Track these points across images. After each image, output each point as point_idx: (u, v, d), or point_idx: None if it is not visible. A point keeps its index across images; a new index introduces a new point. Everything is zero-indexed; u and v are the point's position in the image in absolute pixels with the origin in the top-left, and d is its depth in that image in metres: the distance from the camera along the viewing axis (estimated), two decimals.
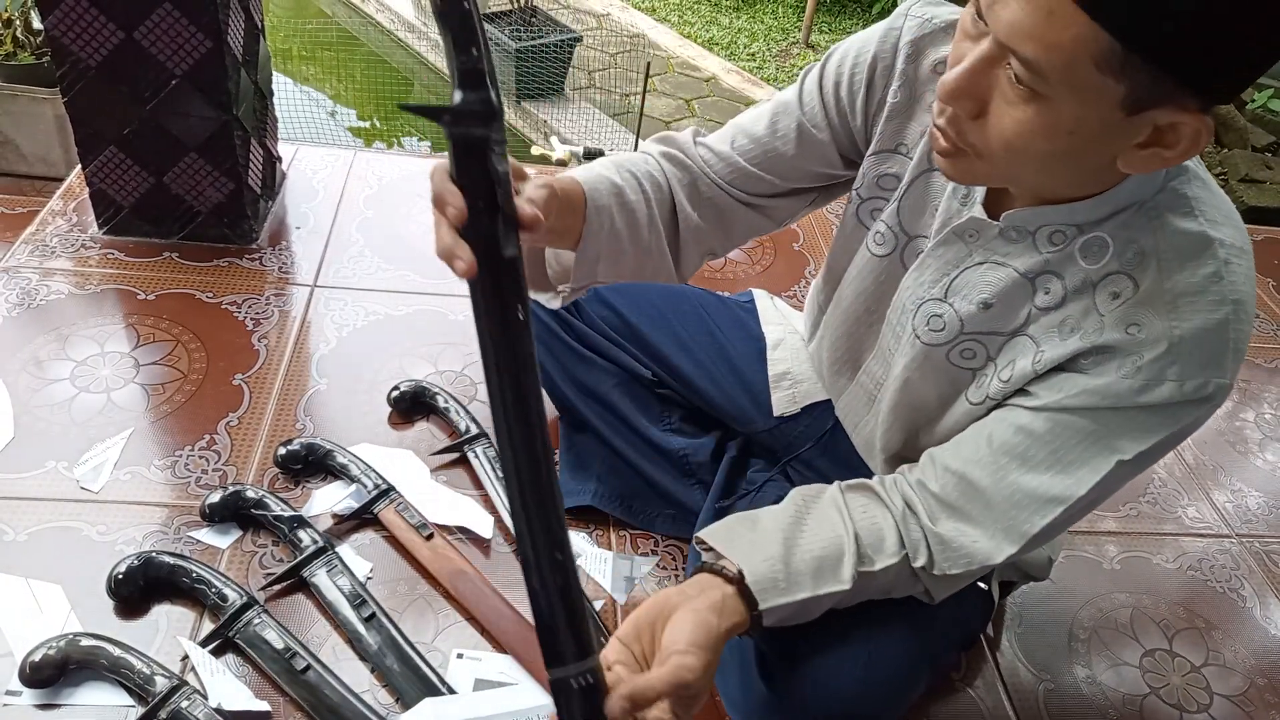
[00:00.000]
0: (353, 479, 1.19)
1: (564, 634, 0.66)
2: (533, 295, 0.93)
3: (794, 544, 0.80)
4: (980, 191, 0.80)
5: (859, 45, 0.86)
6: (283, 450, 1.20)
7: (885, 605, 0.90)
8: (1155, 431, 0.73)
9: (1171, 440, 0.74)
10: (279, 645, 0.98)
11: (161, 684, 0.92)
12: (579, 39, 4.31)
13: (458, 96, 0.59)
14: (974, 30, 0.65)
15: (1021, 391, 0.79)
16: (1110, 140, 0.64)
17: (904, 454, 0.95)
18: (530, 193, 0.69)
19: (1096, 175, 0.70)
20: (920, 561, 0.82)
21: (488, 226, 0.61)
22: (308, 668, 0.97)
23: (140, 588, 1.02)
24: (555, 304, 0.94)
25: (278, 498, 1.14)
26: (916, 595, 0.87)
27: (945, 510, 0.82)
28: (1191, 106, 0.61)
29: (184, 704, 0.91)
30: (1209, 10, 0.55)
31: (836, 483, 0.87)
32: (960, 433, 0.84)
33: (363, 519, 1.16)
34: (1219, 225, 0.71)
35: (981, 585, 1.01)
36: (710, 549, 0.83)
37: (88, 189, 1.52)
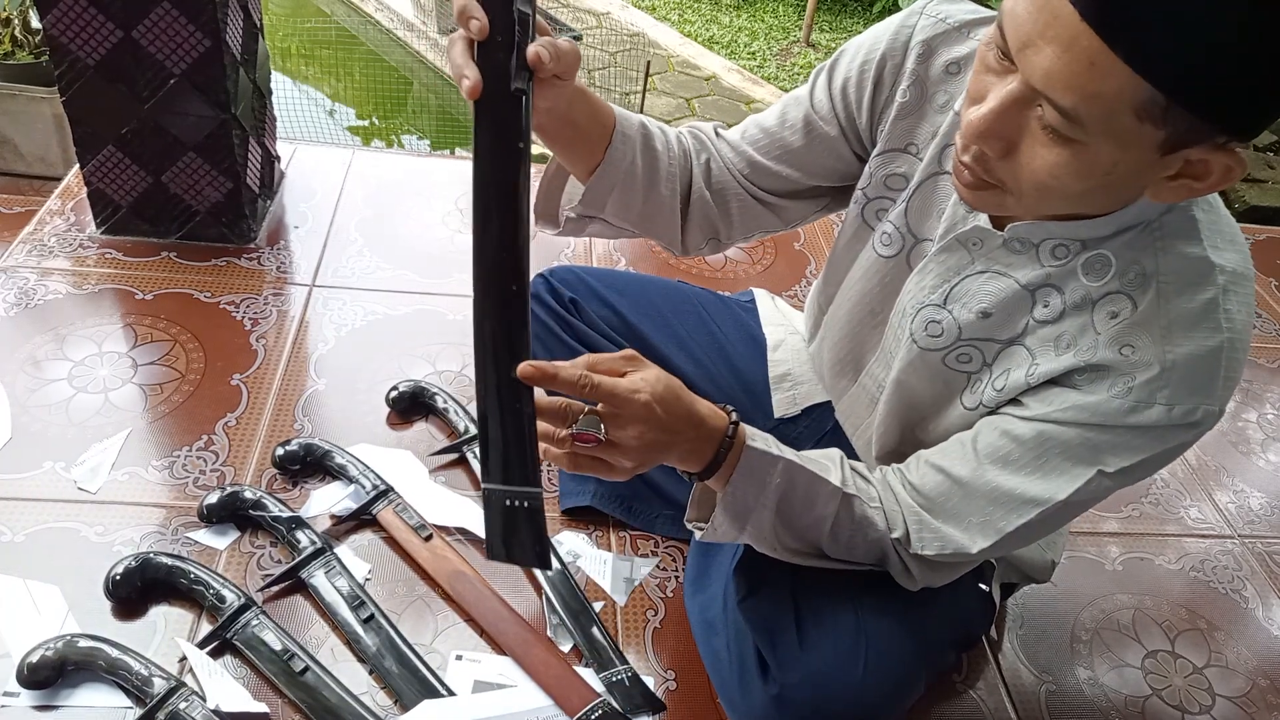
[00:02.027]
0: (351, 479, 1.19)
1: (510, 454, 0.70)
2: (539, 226, 0.93)
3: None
4: None
5: (870, 42, 0.86)
6: (281, 451, 1.20)
7: (884, 605, 0.90)
8: (1140, 451, 0.73)
9: (1156, 461, 0.74)
10: (277, 646, 0.98)
11: (159, 685, 0.91)
12: (579, 37, 4.31)
13: None
14: (999, 67, 0.63)
15: (1013, 401, 0.80)
16: (1142, 176, 0.64)
17: (900, 450, 0.95)
18: (550, 40, 0.68)
19: (1120, 201, 0.70)
20: (897, 533, 0.83)
21: (502, 58, 0.64)
22: (306, 669, 0.97)
23: (138, 589, 1.02)
24: (555, 231, 0.93)
25: (276, 498, 1.13)
26: (897, 575, 0.87)
27: (922, 499, 0.83)
28: (1221, 141, 0.60)
29: (182, 705, 0.90)
30: (1257, 62, 0.54)
31: None
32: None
33: (361, 520, 1.16)
34: (1221, 250, 0.70)
35: (983, 587, 1.00)
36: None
37: (86, 188, 1.52)
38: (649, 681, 1.04)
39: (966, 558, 0.82)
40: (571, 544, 1.18)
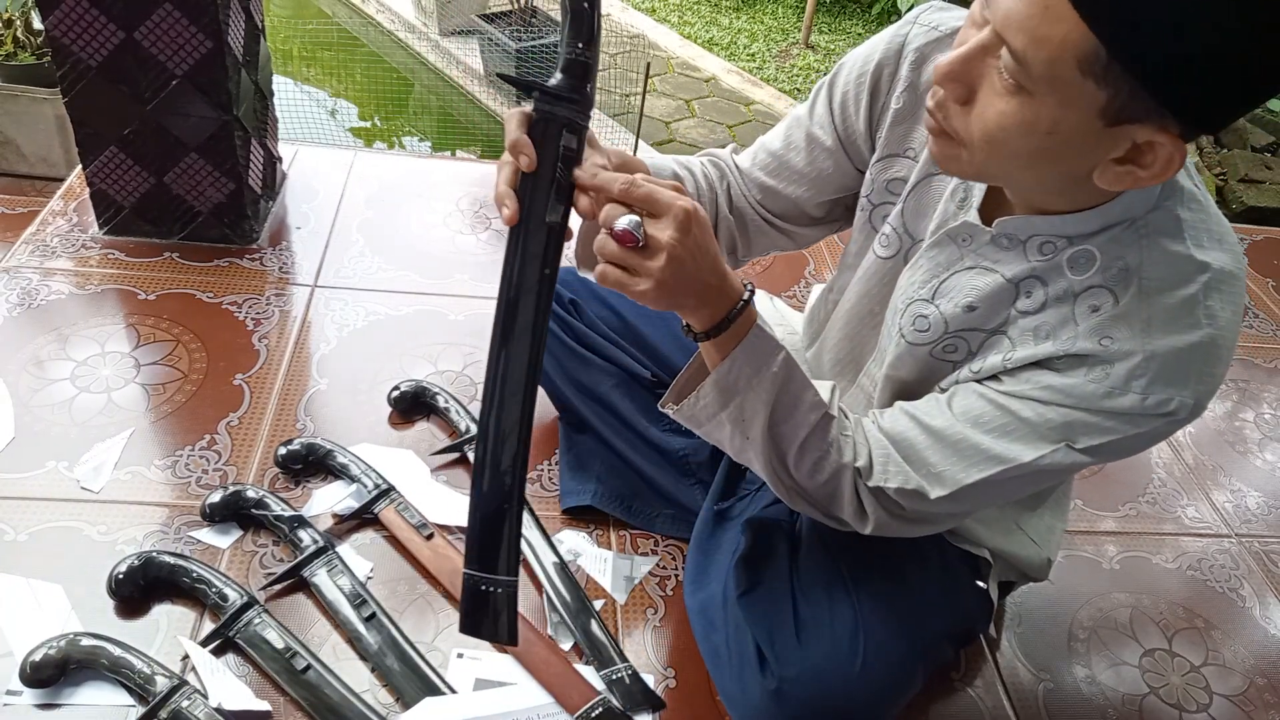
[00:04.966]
0: (353, 479, 1.19)
1: (495, 546, 0.78)
2: (582, 271, 0.96)
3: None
4: (977, 197, 0.80)
5: (865, 53, 0.88)
6: (283, 450, 1.20)
7: (882, 601, 0.90)
8: (1111, 433, 0.74)
9: (1129, 443, 0.74)
10: (279, 645, 0.98)
11: (162, 684, 0.92)
12: None
13: (555, 79, 0.67)
14: (980, 19, 0.66)
15: (990, 378, 0.81)
16: (1087, 148, 0.65)
17: None
18: (592, 168, 0.72)
19: (1077, 185, 0.70)
20: (860, 461, 0.82)
21: (541, 192, 0.69)
22: (308, 667, 0.97)
23: (141, 587, 1.02)
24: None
25: (278, 497, 1.14)
26: (850, 517, 0.85)
27: (891, 440, 0.83)
28: (1171, 129, 0.61)
29: (184, 704, 0.91)
30: (1188, 32, 0.56)
31: None
32: None
33: (363, 519, 1.17)
34: (1207, 249, 0.71)
35: (980, 585, 1.01)
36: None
37: (88, 189, 1.53)
38: (649, 679, 1.05)
39: (925, 504, 0.81)
40: (572, 543, 1.19)
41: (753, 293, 0.78)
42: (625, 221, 0.69)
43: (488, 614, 0.80)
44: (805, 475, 0.84)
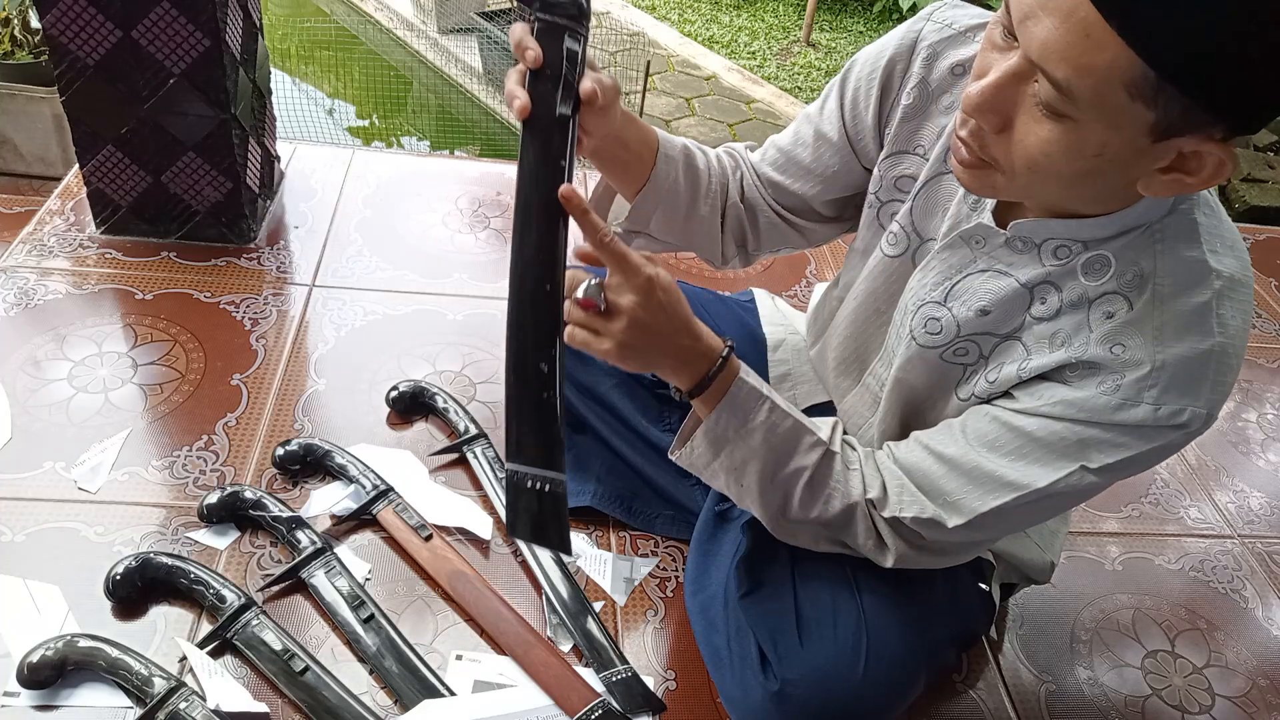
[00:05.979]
0: (351, 479, 1.19)
1: (538, 435, 0.75)
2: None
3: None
4: (990, 199, 0.80)
5: (878, 48, 0.87)
6: (281, 451, 1.20)
7: (885, 603, 0.89)
8: (1125, 449, 0.73)
9: (1143, 459, 0.74)
10: (277, 646, 0.98)
11: (160, 685, 0.91)
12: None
13: None
14: (1003, 43, 0.64)
15: (1004, 394, 0.80)
16: (1134, 164, 0.64)
17: None
18: (596, 76, 0.74)
19: (1115, 195, 0.70)
20: (872, 493, 0.82)
21: (550, 85, 0.72)
22: (306, 669, 0.97)
23: (138, 589, 1.02)
24: None
25: (276, 498, 1.13)
26: (869, 551, 0.85)
27: (906, 470, 0.83)
28: (1218, 135, 0.60)
29: (182, 705, 0.90)
30: (1250, 48, 0.54)
31: None
32: None
33: (361, 520, 1.16)
34: (1220, 255, 0.71)
35: (983, 586, 1.00)
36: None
37: (85, 188, 1.52)
38: (649, 681, 1.04)
39: (943, 533, 0.81)
40: (572, 544, 1.18)
41: (732, 349, 0.80)
42: (585, 289, 0.73)
43: (538, 515, 0.76)
44: (819, 510, 0.84)
